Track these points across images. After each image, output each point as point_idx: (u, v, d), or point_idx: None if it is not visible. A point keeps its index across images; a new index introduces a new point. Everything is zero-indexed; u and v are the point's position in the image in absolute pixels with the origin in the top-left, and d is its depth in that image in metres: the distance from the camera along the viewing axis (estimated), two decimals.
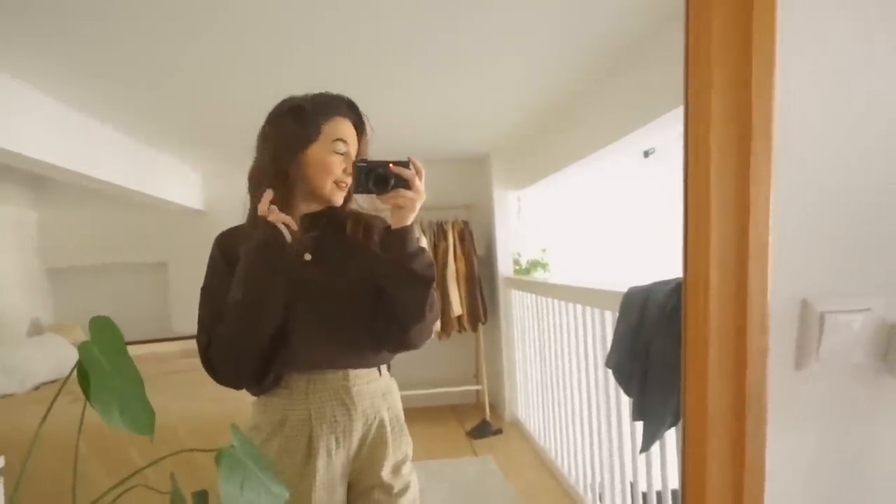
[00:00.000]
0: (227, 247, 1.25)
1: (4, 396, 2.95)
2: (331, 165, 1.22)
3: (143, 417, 0.96)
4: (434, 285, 1.22)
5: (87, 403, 0.88)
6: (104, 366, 0.89)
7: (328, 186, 1.23)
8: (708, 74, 0.58)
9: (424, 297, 1.20)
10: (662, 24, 2.06)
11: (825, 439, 0.70)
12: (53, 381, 3.22)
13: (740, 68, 0.58)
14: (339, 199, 1.26)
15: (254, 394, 1.29)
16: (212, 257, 1.27)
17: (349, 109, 1.27)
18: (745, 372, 0.62)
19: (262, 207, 1.14)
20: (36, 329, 3.97)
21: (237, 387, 1.25)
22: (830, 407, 0.70)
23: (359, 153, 1.27)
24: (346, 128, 1.25)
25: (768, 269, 0.63)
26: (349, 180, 1.22)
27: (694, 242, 0.62)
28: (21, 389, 3.01)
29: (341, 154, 1.23)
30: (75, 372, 0.91)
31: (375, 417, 1.27)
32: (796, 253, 0.67)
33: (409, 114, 3.09)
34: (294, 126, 1.22)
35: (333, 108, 1.24)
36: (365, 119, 1.29)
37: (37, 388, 3.13)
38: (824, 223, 0.68)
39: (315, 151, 1.22)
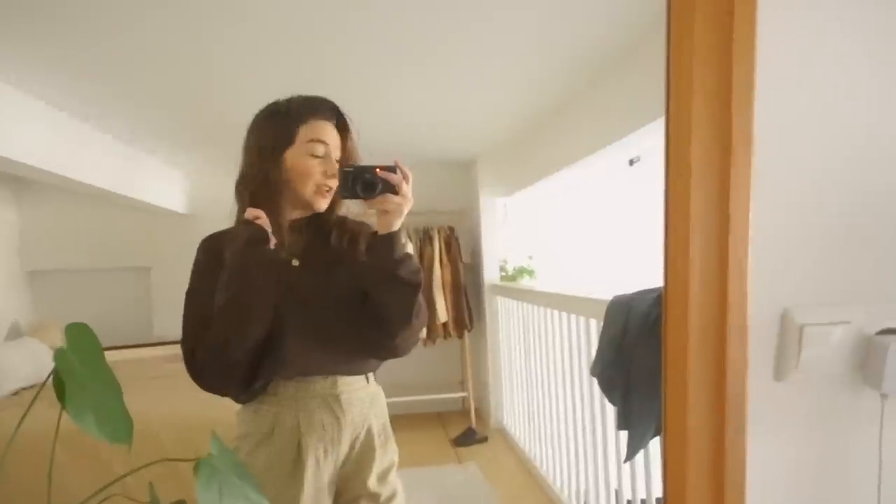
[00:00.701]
0: (213, 250, 1.22)
1: None
2: (308, 169, 1.19)
3: (120, 426, 0.94)
4: (420, 291, 1.21)
5: (61, 411, 0.86)
6: (80, 373, 0.87)
7: (308, 191, 1.21)
8: (689, 86, 0.59)
9: (411, 303, 1.19)
10: (649, 34, 2.08)
11: (804, 449, 0.70)
12: (32, 386, 3.17)
13: (721, 80, 0.59)
14: (321, 205, 1.23)
15: (240, 401, 1.26)
16: (197, 260, 1.24)
17: (329, 111, 1.24)
18: (724, 382, 0.62)
19: (249, 212, 1.14)
20: (15, 333, 3.91)
21: (224, 393, 1.23)
22: (809, 417, 0.71)
23: (344, 156, 1.24)
24: (324, 129, 1.21)
25: (748, 281, 0.63)
26: (332, 184, 1.21)
27: (674, 253, 0.62)
28: None
29: (319, 157, 1.20)
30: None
31: (363, 425, 1.26)
32: (776, 265, 0.67)
33: (395, 118, 3.08)
34: (271, 131, 1.21)
35: (310, 111, 1.21)
36: (348, 120, 1.26)
37: (16, 392, 3.07)
38: (804, 235, 0.69)
39: (292, 155, 1.20)
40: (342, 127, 1.25)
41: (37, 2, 1.66)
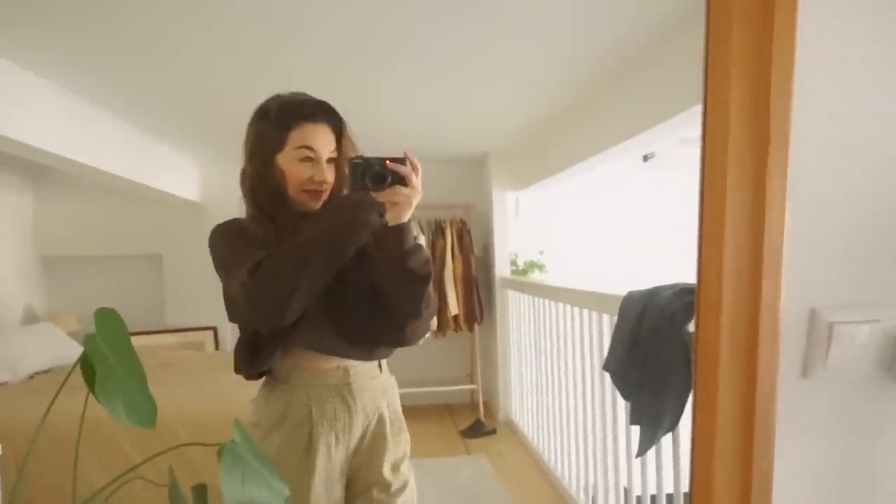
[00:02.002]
0: (236, 226, 1.24)
1: None
2: (297, 173, 1.21)
3: (145, 410, 0.96)
4: (431, 282, 1.22)
5: (88, 396, 0.87)
6: (109, 359, 0.89)
7: (296, 195, 1.22)
8: (727, 83, 0.59)
9: (420, 294, 1.19)
10: (666, 32, 2.07)
11: (831, 448, 0.70)
12: (47, 371, 3.21)
13: (759, 76, 0.59)
14: (313, 206, 1.24)
15: (250, 377, 1.26)
16: (223, 233, 1.23)
17: (321, 113, 1.23)
18: (755, 380, 0.62)
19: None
20: (30, 317, 3.95)
21: (274, 323, 1.15)
22: (837, 415, 0.71)
23: (340, 157, 1.24)
24: (314, 134, 1.21)
25: (781, 279, 0.63)
26: (324, 187, 1.22)
27: (708, 251, 0.62)
28: (14, 378, 2.99)
29: (308, 160, 1.21)
30: (73, 363, 0.91)
31: (375, 414, 1.28)
32: (807, 263, 0.67)
33: (408, 113, 3.08)
34: (262, 136, 1.23)
35: (300, 116, 1.21)
36: (342, 122, 1.26)
37: (31, 376, 3.11)
38: (836, 233, 0.69)
39: (282, 159, 1.21)
40: (337, 128, 1.25)
41: None
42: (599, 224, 4.50)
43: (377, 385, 1.29)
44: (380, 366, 1.32)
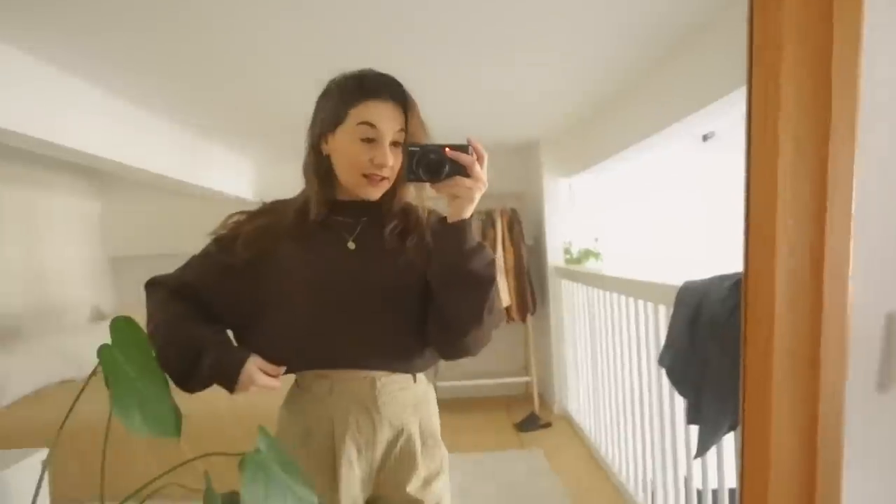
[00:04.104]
0: (233, 232, 1.19)
1: (63, 382, 3.07)
2: (354, 154, 1.10)
3: (167, 420, 0.94)
4: (495, 285, 1.09)
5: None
6: (126, 370, 0.87)
7: (354, 179, 1.12)
8: (777, 53, 0.49)
9: (483, 299, 1.07)
10: (719, 10, 1.92)
11: None
12: None
13: (818, 47, 0.49)
14: (370, 194, 1.14)
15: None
16: (216, 240, 1.21)
17: (388, 90, 1.10)
18: (817, 399, 0.52)
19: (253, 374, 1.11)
20: (98, 317, 4.13)
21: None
22: None
23: (406, 140, 1.11)
24: (378, 111, 1.09)
25: (848, 280, 0.53)
26: (385, 172, 1.11)
27: (757, 248, 0.53)
28: (79, 375, 3.12)
29: (369, 141, 1.10)
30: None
31: (403, 430, 1.18)
32: (881, 261, 0.57)
33: (456, 99, 3.01)
34: (322, 112, 1.15)
35: (364, 90, 1.10)
36: (410, 100, 1.12)
37: (91, 374, 3.23)
38: None
39: (340, 137, 1.11)
40: (404, 106, 1.12)
41: None
42: (657, 209, 4.30)
43: (407, 398, 1.19)
44: (414, 376, 1.21)
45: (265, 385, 1.12)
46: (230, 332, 1.22)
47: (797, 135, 0.50)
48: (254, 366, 1.11)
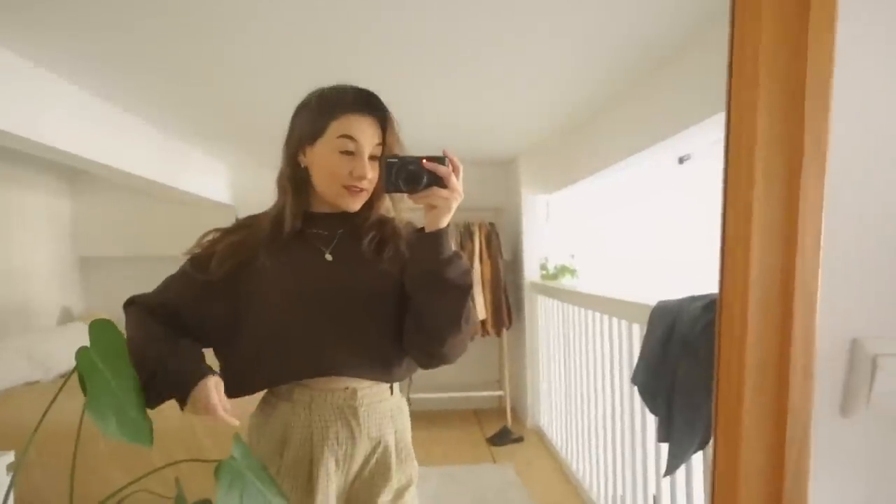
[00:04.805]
0: (208, 251, 1.20)
1: (29, 384, 2.99)
2: (334, 166, 1.12)
3: (142, 426, 0.93)
4: (471, 294, 1.12)
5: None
6: (103, 373, 0.86)
7: (334, 190, 1.14)
8: (754, 86, 0.51)
9: (460, 306, 1.09)
10: (701, 29, 1.98)
11: (873, 496, 0.62)
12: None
13: (791, 79, 0.51)
14: (349, 205, 1.16)
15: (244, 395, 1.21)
16: (191, 260, 1.22)
17: (367, 105, 1.13)
18: (784, 421, 0.55)
19: (212, 403, 1.06)
20: (66, 318, 4.04)
21: None
22: (880, 460, 0.63)
23: (384, 153, 1.14)
24: (358, 124, 1.11)
25: (816, 305, 0.56)
26: (363, 184, 1.14)
27: (731, 272, 0.55)
28: (46, 378, 3.05)
29: (349, 153, 1.12)
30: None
31: (381, 442, 1.19)
32: (849, 287, 0.59)
33: (437, 114, 3.04)
34: (302, 124, 1.16)
35: (345, 105, 1.13)
36: (388, 115, 1.15)
37: (63, 376, 3.17)
38: (882, 255, 0.61)
39: (319, 149, 1.13)
40: (383, 121, 1.15)
41: None
42: (633, 228, 4.36)
43: (386, 409, 1.20)
44: (391, 388, 1.23)
45: (216, 407, 1.06)
46: (211, 350, 1.21)
47: (770, 165, 0.52)
48: (213, 385, 1.08)
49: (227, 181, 4.45)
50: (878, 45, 0.58)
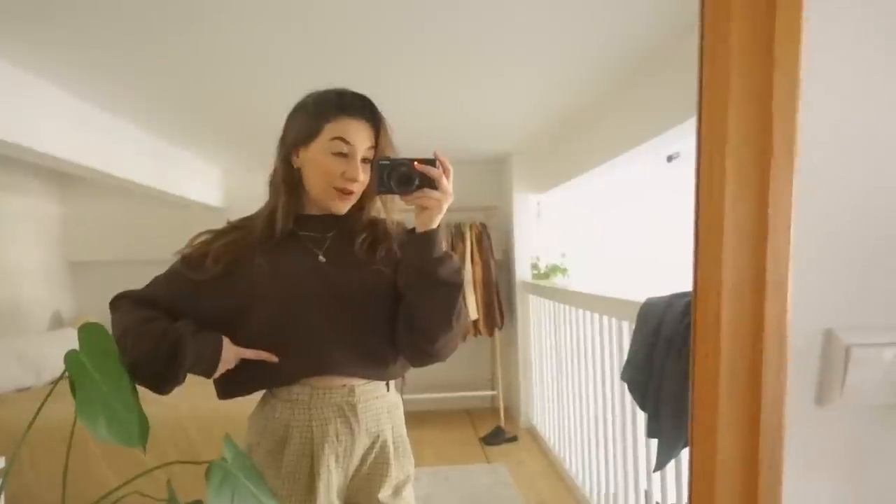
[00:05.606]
0: (200, 251, 1.20)
1: (20, 390, 2.98)
2: (326, 167, 1.14)
3: (132, 428, 0.94)
4: (462, 292, 1.14)
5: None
6: (93, 377, 0.87)
7: (324, 191, 1.16)
8: (725, 87, 0.53)
9: (451, 305, 1.12)
10: (688, 29, 2.00)
11: (848, 485, 0.64)
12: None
13: (760, 79, 0.53)
14: (339, 208, 1.18)
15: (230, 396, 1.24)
16: (181, 260, 1.22)
17: (361, 108, 1.16)
18: (759, 409, 0.56)
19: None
20: (57, 322, 4.02)
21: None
22: (854, 447, 0.64)
23: (376, 156, 1.16)
24: (351, 128, 1.14)
25: (788, 297, 0.57)
26: (354, 187, 1.16)
27: (705, 266, 0.56)
28: (38, 383, 3.04)
29: (342, 156, 1.14)
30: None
31: (379, 437, 1.21)
32: (820, 280, 0.61)
33: (428, 114, 3.05)
34: (296, 125, 1.18)
35: (339, 108, 1.15)
36: (382, 119, 1.18)
37: (54, 382, 3.16)
38: (852, 249, 0.62)
39: (313, 150, 1.15)
40: (376, 125, 1.17)
41: (81, 3, 1.69)
42: (624, 226, 4.39)
43: (382, 406, 1.22)
44: (387, 385, 1.25)
45: (246, 353, 1.14)
46: None
47: (741, 162, 0.54)
48: (229, 341, 1.14)
49: (218, 184, 4.45)
50: (846, 44, 0.60)
